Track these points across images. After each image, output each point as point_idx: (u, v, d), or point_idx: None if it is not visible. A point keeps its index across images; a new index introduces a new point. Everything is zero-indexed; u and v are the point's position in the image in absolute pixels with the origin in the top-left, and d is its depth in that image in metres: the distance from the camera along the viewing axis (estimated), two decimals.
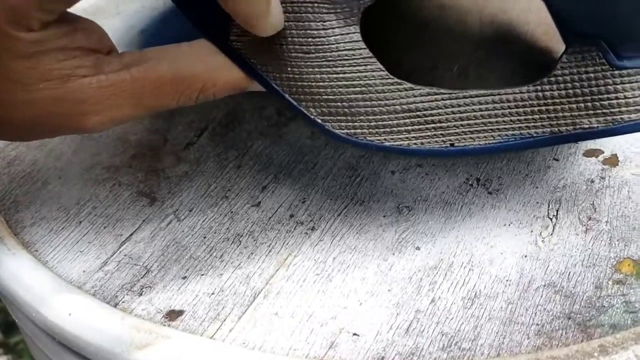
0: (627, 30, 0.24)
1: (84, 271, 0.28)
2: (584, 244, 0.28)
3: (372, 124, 0.26)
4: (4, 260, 0.29)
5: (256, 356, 0.24)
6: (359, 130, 0.26)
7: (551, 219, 0.29)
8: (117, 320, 0.26)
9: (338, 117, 0.26)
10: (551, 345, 0.24)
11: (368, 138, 0.26)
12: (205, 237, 0.30)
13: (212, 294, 0.27)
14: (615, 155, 0.31)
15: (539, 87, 0.25)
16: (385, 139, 0.26)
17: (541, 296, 0.26)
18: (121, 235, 0.30)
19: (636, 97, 0.24)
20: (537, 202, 0.29)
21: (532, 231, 0.28)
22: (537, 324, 0.25)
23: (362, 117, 0.26)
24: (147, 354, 0.25)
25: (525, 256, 0.27)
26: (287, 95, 0.26)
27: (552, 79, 0.25)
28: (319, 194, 0.31)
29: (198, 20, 0.26)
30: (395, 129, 0.26)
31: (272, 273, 0.28)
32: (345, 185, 0.31)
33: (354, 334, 0.25)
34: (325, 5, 0.24)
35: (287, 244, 0.29)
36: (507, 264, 0.27)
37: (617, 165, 0.31)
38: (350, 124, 0.26)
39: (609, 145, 0.32)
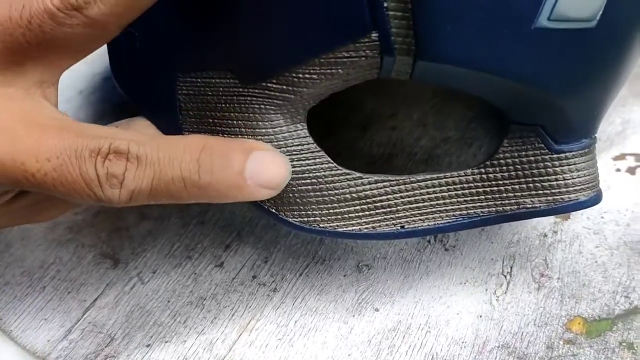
0: (563, 121, 0.25)
1: (48, 340, 0.29)
2: (536, 302, 0.29)
3: (324, 212, 0.26)
4: None
5: None
6: (311, 219, 0.27)
7: (505, 277, 0.30)
8: None
9: (291, 207, 0.26)
10: None
11: (321, 225, 0.27)
12: (169, 302, 0.30)
13: None
14: None
15: (482, 170, 0.26)
16: (337, 225, 0.27)
17: (495, 358, 0.27)
18: (85, 300, 0.30)
19: (574, 178, 0.26)
20: (492, 259, 0.30)
21: (487, 289, 0.29)
22: None
23: (314, 207, 0.26)
24: None
25: (480, 316, 0.28)
26: None
27: (495, 162, 0.26)
28: (281, 252, 0.32)
29: (150, 111, 0.27)
30: (346, 215, 0.26)
31: (235, 338, 0.28)
32: (307, 243, 0.32)
33: None
34: (272, 108, 0.25)
35: (250, 307, 0.30)
36: (462, 324, 0.28)
37: (569, 218, 0.32)
38: (303, 212, 0.26)
39: None
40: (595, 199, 0.26)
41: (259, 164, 0.24)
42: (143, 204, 0.24)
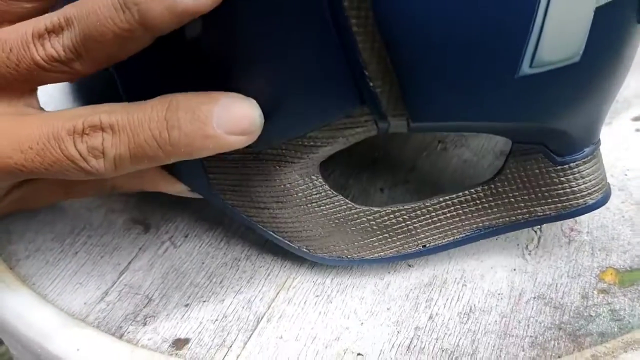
0: (563, 138, 0.25)
1: (85, 303, 0.29)
2: (567, 255, 0.29)
3: (349, 245, 0.28)
4: (3, 296, 0.29)
5: None
6: (339, 252, 0.28)
7: (535, 232, 0.30)
8: (126, 354, 0.26)
9: (320, 245, 0.28)
10: (545, 357, 0.25)
11: (348, 256, 0.28)
12: (203, 263, 0.30)
13: (216, 320, 0.28)
14: None
15: (492, 186, 0.27)
16: (364, 255, 0.28)
17: (532, 308, 0.27)
18: (119, 264, 0.30)
19: (580, 185, 0.26)
20: None
21: (518, 244, 0.30)
22: (531, 336, 0.26)
23: (340, 242, 0.28)
24: None
25: (514, 269, 0.29)
26: (270, 232, 0.29)
27: (502, 177, 0.27)
28: None
29: (181, 173, 0.29)
30: (370, 245, 0.28)
31: (273, 297, 0.29)
32: None
33: (358, 354, 0.26)
34: (287, 167, 0.26)
35: (285, 266, 0.30)
36: (497, 277, 0.29)
37: None
38: (331, 247, 0.28)
39: None
40: (603, 200, 0.27)
41: (225, 110, 0.23)
42: (131, 171, 0.24)
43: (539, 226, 0.30)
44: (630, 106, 0.36)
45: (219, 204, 0.29)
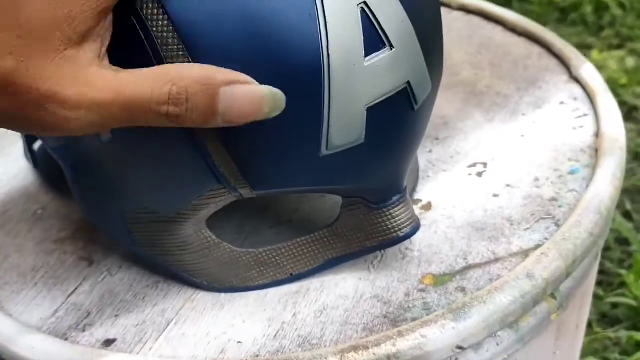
0: (373, 193, 0.36)
1: (40, 318, 0.38)
2: (400, 266, 0.39)
3: (236, 278, 0.38)
4: None
5: None
6: (230, 284, 0.39)
7: (380, 252, 0.40)
8: (68, 350, 0.35)
9: (215, 280, 0.39)
10: (372, 336, 0.35)
11: (237, 286, 0.39)
12: (131, 286, 0.40)
13: (137, 325, 0.37)
14: (430, 202, 0.44)
15: (333, 228, 0.38)
16: (249, 283, 0.39)
17: (368, 304, 0.37)
18: (67, 290, 0.40)
19: (392, 223, 0.37)
20: None
21: (366, 260, 0.40)
22: (364, 323, 0.36)
23: (230, 277, 0.38)
24: None
25: (360, 278, 0.39)
26: (178, 271, 0.39)
27: (339, 222, 0.38)
28: None
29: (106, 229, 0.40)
30: (252, 276, 0.38)
31: (181, 306, 0.38)
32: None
33: (238, 342, 0.36)
34: (179, 225, 0.37)
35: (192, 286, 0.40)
36: (347, 284, 0.39)
37: (430, 209, 0.43)
38: (224, 281, 0.39)
39: (426, 196, 0.44)
40: (413, 231, 0.37)
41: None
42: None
43: None
44: (467, 157, 0.47)
45: (140, 252, 0.39)
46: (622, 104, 1.50)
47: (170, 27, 0.30)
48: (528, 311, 0.37)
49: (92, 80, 0.28)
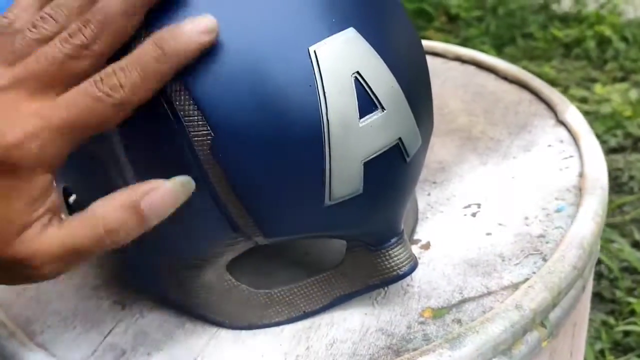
0: (372, 237, 0.41)
1: (80, 358, 0.43)
2: (402, 301, 0.43)
3: (254, 316, 0.43)
4: (26, 355, 0.43)
5: None
6: (250, 322, 0.43)
7: (383, 288, 0.45)
8: None
9: (236, 318, 0.43)
10: None
11: (256, 323, 0.43)
12: (161, 326, 0.44)
13: None
14: (429, 242, 0.48)
15: (339, 269, 0.42)
16: (266, 321, 0.43)
17: (374, 337, 0.41)
18: (104, 332, 0.45)
19: (391, 263, 0.41)
20: None
21: (370, 296, 0.44)
22: (370, 354, 0.40)
23: (249, 315, 0.43)
24: None
25: (366, 313, 0.43)
26: (202, 312, 0.43)
27: (344, 262, 0.42)
28: None
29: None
30: (269, 315, 0.43)
31: (205, 343, 0.43)
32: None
33: None
34: (201, 271, 0.41)
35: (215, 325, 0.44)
36: (354, 319, 0.43)
37: (429, 248, 0.47)
38: (244, 319, 0.43)
39: (425, 236, 0.48)
40: (410, 270, 0.41)
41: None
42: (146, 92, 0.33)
43: None
44: (462, 198, 0.51)
45: (168, 296, 0.44)
46: (627, 135, 1.54)
47: (195, 107, 0.35)
48: (519, 339, 0.41)
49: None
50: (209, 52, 0.35)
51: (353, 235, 0.41)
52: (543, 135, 0.57)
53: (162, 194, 0.35)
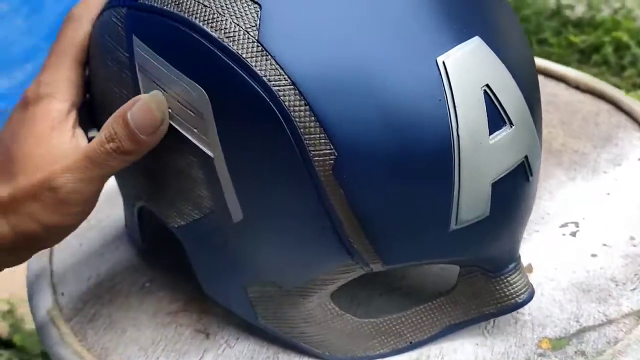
0: (492, 261, 0.38)
1: None
2: (515, 330, 0.40)
3: (357, 347, 0.39)
4: None
5: None
6: (352, 353, 0.40)
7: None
8: None
9: (337, 350, 0.40)
10: None
11: (358, 355, 0.40)
12: (252, 357, 0.41)
13: None
14: (530, 264, 0.45)
15: (451, 296, 0.39)
16: (369, 353, 0.40)
17: None
18: None
19: (510, 290, 0.38)
20: None
21: (479, 326, 0.41)
22: None
23: (352, 347, 0.39)
24: None
25: (477, 344, 0.40)
26: (300, 343, 0.40)
27: (457, 289, 0.39)
28: None
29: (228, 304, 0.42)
30: (373, 346, 0.39)
31: None
32: None
33: None
34: (307, 299, 0.38)
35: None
36: (465, 350, 0.40)
37: (532, 271, 0.44)
38: (346, 351, 0.40)
39: (525, 258, 0.45)
40: (529, 298, 0.39)
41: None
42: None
43: None
44: (557, 217, 0.49)
45: (261, 325, 0.41)
46: None
47: (317, 124, 0.32)
48: None
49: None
50: (330, 66, 0.32)
51: (471, 261, 0.38)
52: (631, 148, 0.54)
53: (140, 104, 0.36)
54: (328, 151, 0.33)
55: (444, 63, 0.33)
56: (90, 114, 0.42)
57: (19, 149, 0.37)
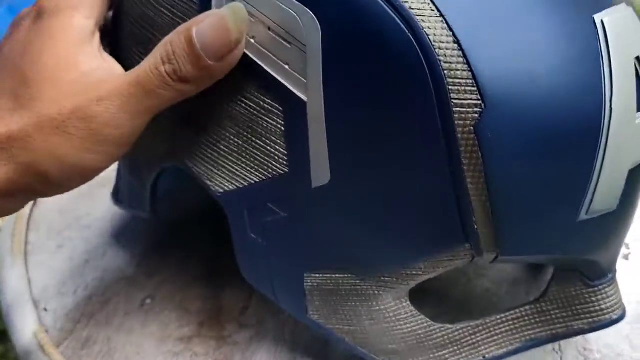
0: (595, 266, 0.33)
1: None
2: None
3: (425, 357, 0.33)
4: None
5: None
6: None
7: (557, 352, 0.37)
8: None
9: (394, 356, 0.33)
10: None
11: None
12: None
13: None
14: None
15: (537, 305, 0.34)
16: None
17: None
18: None
19: (607, 303, 0.33)
20: None
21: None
22: None
23: (418, 356, 0.33)
24: None
25: None
26: (358, 347, 0.34)
27: (546, 297, 0.34)
28: None
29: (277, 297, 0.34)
30: (442, 356, 0.34)
31: None
32: None
33: None
34: (384, 292, 0.32)
35: None
36: None
37: None
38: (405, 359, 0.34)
39: None
40: (623, 315, 0.34)
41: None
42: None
43: (559, 348, 0.37)
44: None
45: (310, 322, 0.34)
46: None
47: (466, 64, 0.26)
48: None
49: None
50: (482, 1, 0.27)
51: (577, 263, 0.33)
52: None
53: (212, 19, 0.29)
54: (474, 101, 0.26)
55: (602, 22, 0.28)
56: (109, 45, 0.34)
57: (36, 71, 0.30)
